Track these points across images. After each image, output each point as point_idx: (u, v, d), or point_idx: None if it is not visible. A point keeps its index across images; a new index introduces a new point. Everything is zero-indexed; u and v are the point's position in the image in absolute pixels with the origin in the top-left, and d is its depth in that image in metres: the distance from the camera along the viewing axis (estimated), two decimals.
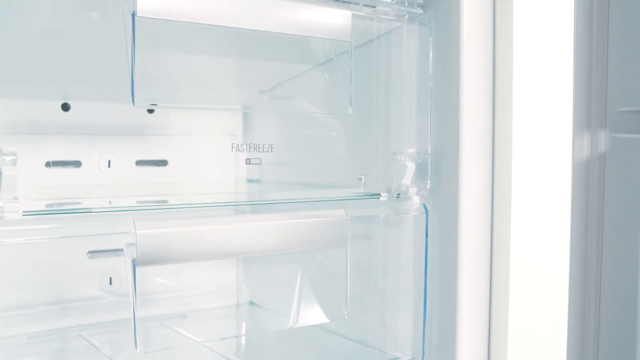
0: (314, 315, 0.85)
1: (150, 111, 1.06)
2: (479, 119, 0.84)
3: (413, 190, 0.85)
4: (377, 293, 0.95)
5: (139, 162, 1.06)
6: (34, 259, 0.94)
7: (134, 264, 0.66)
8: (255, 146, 0.74)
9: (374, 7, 0.83)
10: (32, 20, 0.80)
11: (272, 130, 1.09)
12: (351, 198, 0.83)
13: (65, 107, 0.99)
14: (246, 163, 0.73)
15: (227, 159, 1.12)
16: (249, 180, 1.14)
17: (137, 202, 1.06)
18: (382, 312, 0.95)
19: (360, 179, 0.92)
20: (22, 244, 0.73)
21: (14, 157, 0.62)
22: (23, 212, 0.63)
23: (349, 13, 0.77)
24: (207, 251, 0.69)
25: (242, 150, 0.74)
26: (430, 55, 0.86)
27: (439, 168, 0.86)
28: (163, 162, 1.07)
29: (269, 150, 0.74)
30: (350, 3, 0.80)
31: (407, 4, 0.85)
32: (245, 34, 0.74)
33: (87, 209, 0.68)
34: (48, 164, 0.98)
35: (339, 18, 0.76)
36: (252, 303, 1.14)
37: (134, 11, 0.65)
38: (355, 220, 0.85)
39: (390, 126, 0.91)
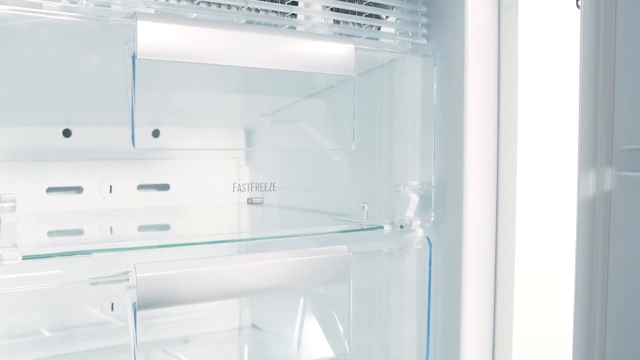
0: (316, 349, 0.84)
1: (155, 135, 1.05)
2: (484, 151, 0.83)
3: (417, 223, 0.84)
4: (380, 323, 0.94)
5: (141, 187, 1.05)
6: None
7: (135, 308, 0.65)
8: (258, 185, 0.73)
9: (377, 39, 0.82)
10: (34, 55, 0.80)
11: (275, 153, 1.08)
12: (354, 230, 0.83)
13: (67, 133, 0.99)
14: (248, 203, 0.73)
15: (229, 180, 1.11)
16: (249, 201, 1.13)
17: (139, 227, 1.06)
18: (385, 341, 0.94)
19: (364, 207, 0.91)
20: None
21: (13, 204, 0.61)
22: (22, 256, 0.63)
23: (351, 47, 0.76)
24: (209, 293, 0.69)
25: (244, 190, 0.73)
26: (435, 85, 0.85)
27: (443, 200, 0.85)
28: (165, 186, 1.07)
29: (271, 189, 0.73)
30: (353, 36, 0.79)
31: (410, 35, 0.84)
32: (248, 68, 0.73)
33: (87, 251, 0.67)
34: (49, 190, 0.98)
35: (341, 53, 0.75)
36: (254, 326, 1.14)
37: (134, 53, 0.64)
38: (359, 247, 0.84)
39: (394, 157, 0.90)
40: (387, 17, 0.84)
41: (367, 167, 0.92)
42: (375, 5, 0.82)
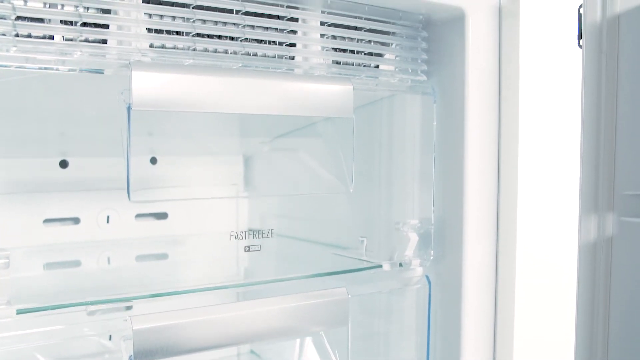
0: None
1: (153, 162, 1.04)
2: (484, 190, 0.82)
3: (416, 262, 0.83)
4: (378, 358, 0.94)
5: (139, 216, 1.04)
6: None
7: None
8: (255, 233, 0.72)
9: (377, 77, 0.81)
10: (29, 96, 0.79)
11: (274, 181, 1.07)
12: (353, 270, 0.82)
13: (64, 164, 0.98)
14: (245, 251, 0.72)
15: (228, 208, 1.11)
16: (250, 230, 1.12)
17: (137, 256, 1.05)
18: None
19: (363, 241, 0.90)
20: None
21: (7, 261, 0.61)
22: (17, 310, 0.62)
23: (350, 88, 0.75)
24: (207, 343, 0.68)
25: (241, 238, 0.72)
26: (434, 123, 0.84)
27: (443, 238, 0.84)
28: (163, 215, 1.06)
29: (269, 235, 0.73)
30: (352, 75, 0.78)
31: (410, 72, 0.83)
32: None
33: (82, 303, 0.66)
34: (46, 222, 0.97)
35: (340, 95, 0.74)
36: (252, 352, 1.13)
37: (129, 105, 0.63)
38: (358, 284, 0.84)
39: (393, 192, 0.89)
40: (386, 54, 0.83)
41: (366, 200, 0.92)
42: (375, 43, 0.81)
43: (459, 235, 0.82)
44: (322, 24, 0.77)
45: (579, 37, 0.75)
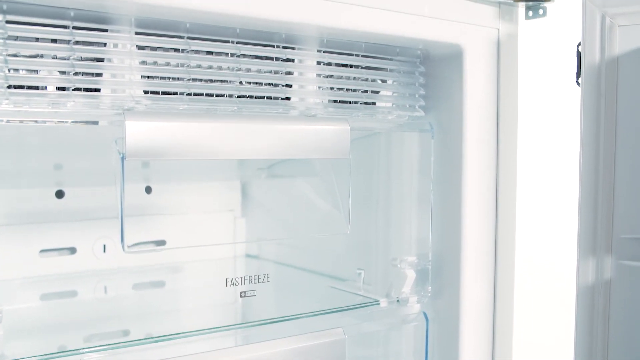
0: None
1: (148, 191, 1.04)
2: (482, 227, 0.82)
3: (413, 298, 0.83)
4: None
5: (136, 244, 1.04)
6: None
7: None
8: (251, 278, 0.72)
9: (373, 115, 0.80)
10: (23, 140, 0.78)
11: (272, 207, 1.07)
12: (350, 308, 0.82)
13: (60, 194, 0.98)
14: (241, 296, 0.72)
15: (226, 233, 1.10)
16: (248, 256, 1.12)
17: (134, 284, 1.05)
18: None
19: (360, 273, 0.90)
20: None
21: (0, 315, 0.60)
22: None
23: (346, 128, 0.75)
24: None
25: (236, 284, 0.72)
26: (432, 158, 0.83)
27: (440, 274, 0.84)
28: (161, 242, 1.05)
29: (265, 280, 0.72)
30: (350, 114, 0.77)
31: (407, 107, 0.83)
32: None
33: (76, 350, 0.66)
34: (42, 252, 0.97)
35: (336, 136, 0.74)
36: None
37: (123, 155, 0.63)
38: (355, 323, 0.84)
39: (390, 227, 0.89)
40: (384, 90, 0.82)
41: (363, 232, 0.91)
42: (372, 80, 0.80)
43: (457, 271, 0.82)
44: (319, 63, 0.76)
45: (578, 75, 0.74)
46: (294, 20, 0.67)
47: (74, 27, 0.62)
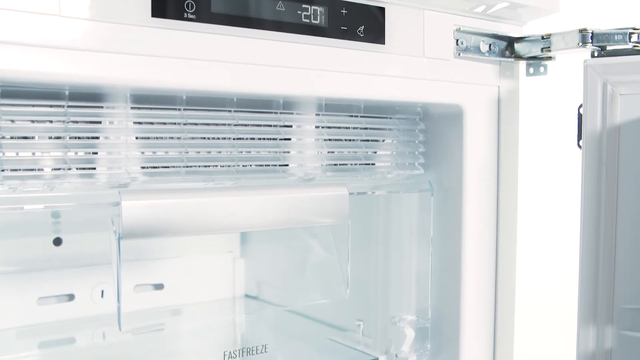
0: None
1: None
2: (481, 285, 0.82)
3: (413, 357, 0.83)
4: None
5: (134, 288, 1.04)
6: None
7: None
8: (249, 349, 0.72)
9: (372, 175, 0.79)
10: None
11: (271, 249, 1.06)
12: None
13: (58, 241, 0.97)
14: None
15: (225, 275, 1.10)
16: (247, 296, 1.12)
17: (133, 329, 1.04)
18: None
19: (359, 325, 0.90)
20: None
21: None
22: None
23: (345, 193, 0.74)
24: None
25: (234, 356, 0.71)
26: (431, 217, 0.83)
27: (440, 331, 0.83)
28: (159, 286, 1.05)
29: (263, 351, 0.72)
30: (349, 181, 0.76)
31: (407, 165, 0.82)
32: None
33: None
34: (41, 300, 0.97)
35: (335, 201, 0.73)
36: None
37: (119, 235, 0.62)
38: None
39: (389, 283, 0.88)
40: (383, 150, 0.81)
41: (363, 286, 0.91)
42: (372, 141, 0.79)
43: (457, 330, 0.81)
44: (317, 126, 0.75)
45: (579, 137, 0.73)
46: (293, 93, 0.67)
47: (69, 106, 0.61)
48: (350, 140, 0.77)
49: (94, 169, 0.63)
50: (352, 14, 0.68)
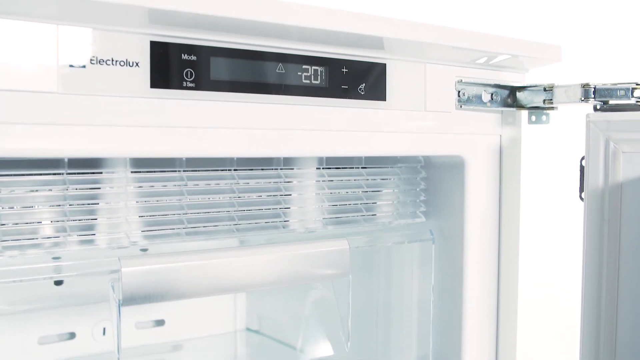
0: None
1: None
2: (483, 334, 0.81)
3: None
4: None
5: (136, 325, 1.04)
6: None
7: None
8: None
9: (373, 225, 0.79)
10: None
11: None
12: None
13: (58, 281, 0.97)
14: None
15: (226, 309, 1.10)
16: (248, 330, 1.12)
17: None
18: None
19: None
20: None
21: None
22: None
23: (346, 248, 0.74)
24: None
25: None
26: (433, 265, 0.82)
27: None
28: (160, 322, 1.05)
29: None
30: (349, 233, 0.76)
31: (408, 214, 0.82)
32: None
33: None
34: (42, 340, 0.97)
35: (336, 255, 0.73)
36: None
37: (119, 301, 0.62)
38: None
39: (391, 327, 0.88)
40: (384, 200, 0.81)
41: (364, 324, 0.90)
42: (373, 191, 0.79)
43: None
44: (318, 180, 0.75)
45: (581, 189, 0.73)
46: (295, 154, 0.67)
47: (68, 173, 0.61)
48: (350, 191, 0.77)
49: (94, 234, 0.63)
50: (353, 72, 0.68)
